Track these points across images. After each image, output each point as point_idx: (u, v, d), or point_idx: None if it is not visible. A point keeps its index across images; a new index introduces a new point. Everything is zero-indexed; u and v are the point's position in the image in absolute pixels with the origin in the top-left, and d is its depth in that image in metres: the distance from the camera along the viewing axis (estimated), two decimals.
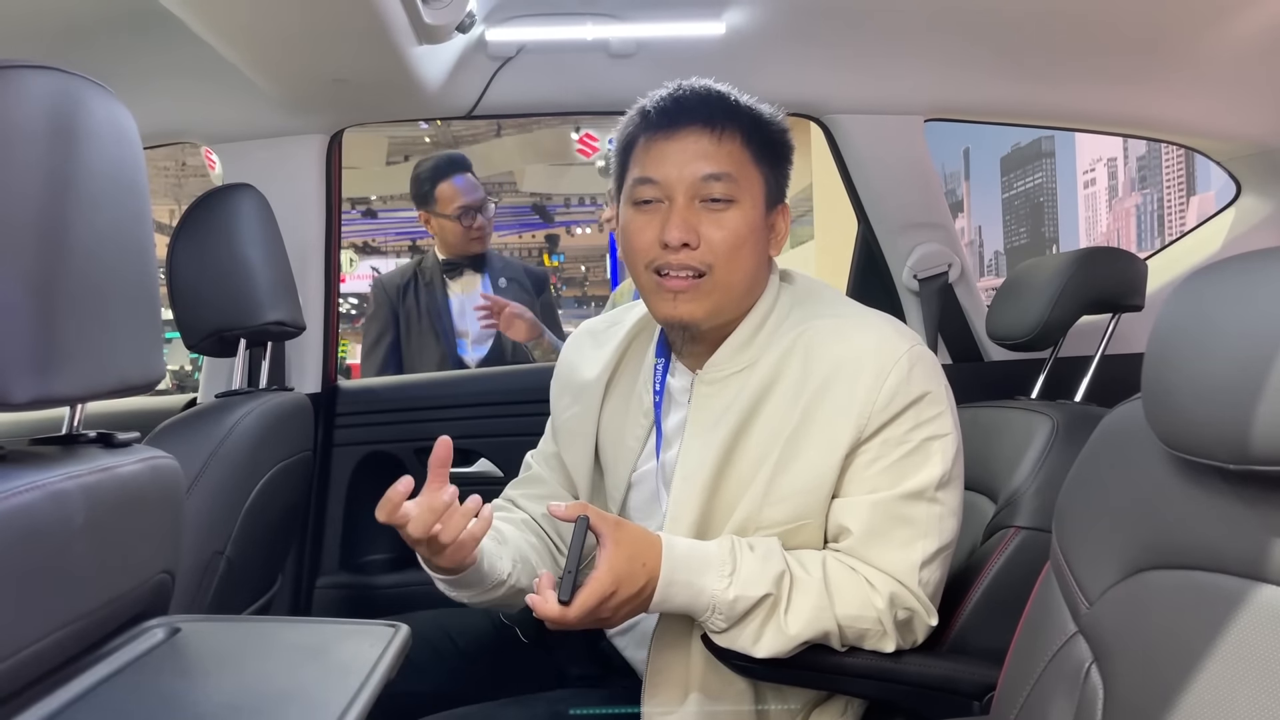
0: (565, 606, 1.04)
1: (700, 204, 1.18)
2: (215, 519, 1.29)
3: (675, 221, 1.17)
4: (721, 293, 1.19)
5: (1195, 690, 0.70)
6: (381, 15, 1.38)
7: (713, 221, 1.18)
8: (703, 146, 1.18)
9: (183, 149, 8.37)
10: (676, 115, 1.20)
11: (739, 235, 1.18)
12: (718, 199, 1.18)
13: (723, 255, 1.18)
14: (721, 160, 1.18)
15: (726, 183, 1.18)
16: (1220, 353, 0.70)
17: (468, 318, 2.75)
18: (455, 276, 2.77)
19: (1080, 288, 1.62)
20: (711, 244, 1.18)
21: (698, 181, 1.18)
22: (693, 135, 1.19)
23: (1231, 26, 1.82)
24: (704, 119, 1.19)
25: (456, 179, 2.68)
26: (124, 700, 0.71)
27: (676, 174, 1.18)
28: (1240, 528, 0.71)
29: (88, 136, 0.71)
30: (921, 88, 2.04)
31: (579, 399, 1.37)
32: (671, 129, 1.19)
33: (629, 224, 1.23)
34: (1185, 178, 6.98)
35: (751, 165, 1.20)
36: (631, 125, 1.24)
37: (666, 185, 1.19)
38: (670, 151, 1.19)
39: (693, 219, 1.18)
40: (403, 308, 2.76)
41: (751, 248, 1.20)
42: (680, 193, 1.18)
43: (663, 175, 1.19)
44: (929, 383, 1.16)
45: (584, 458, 1.35)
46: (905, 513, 1.14)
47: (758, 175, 1.21)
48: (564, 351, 1.46)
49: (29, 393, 0.64)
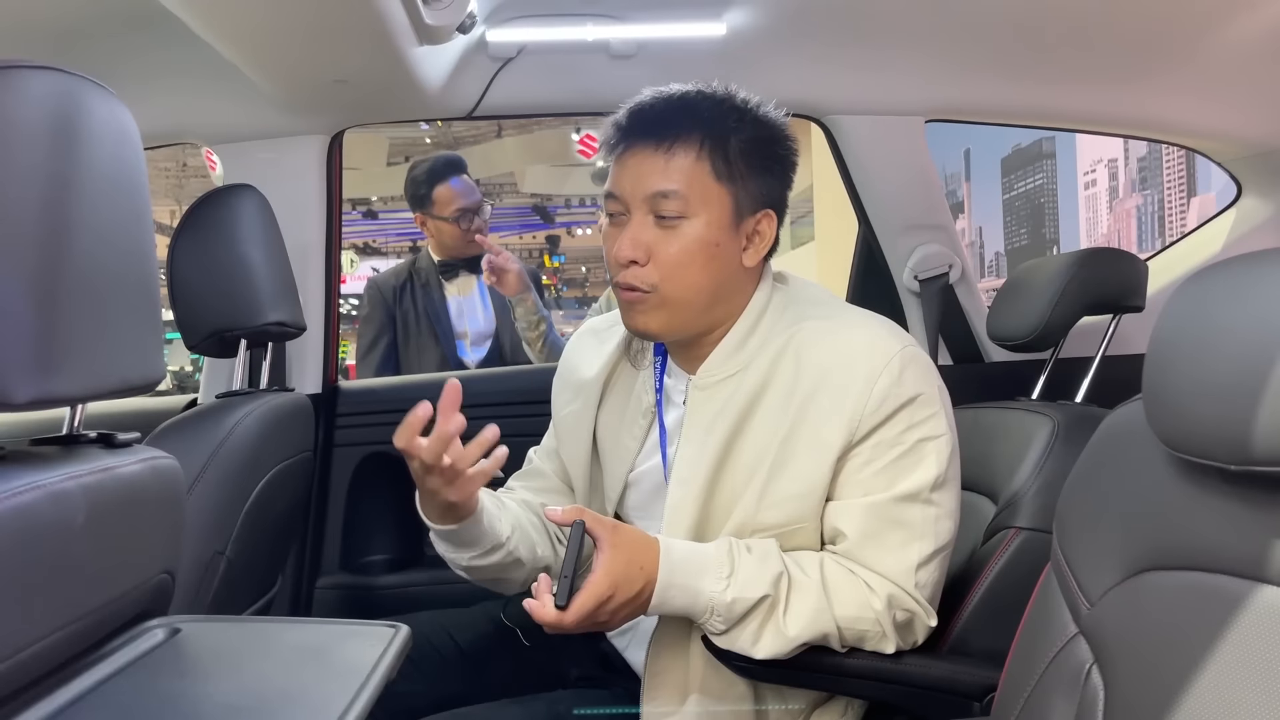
0: (562, 611, 1.04)
1: (654, 219, 1.19)
2: (216, 519, 1.29)
3: (625, 238, 1.18)
4: (671, 309, 1.19)
5: (1196, 691, 0.70)
6: (382, 16, 1.38)
7: (663, 237, 1.18)
8: (653, 163, 1.18)
9: (183, 149, 8.38)
10: (629, 131, 1.20)
11: (687, 252, 1.17)
12: (664, 216, 1.18)
13: (668, 271, 1.17)
14: (671, 176, 1.17)
15: (675, 200, 1.17)
16: (1221, 353, 0.70)
17: (466, 319, 2.75)
18: (451, 278, 2.76)
19: (1081, 289, 1.62)
20: (659, 260, 1.18)
21: (648, 197, 1.18)
22: (645, 152, 1.18)
23: (1232, 28, 1.82)
24: (656, 135, 1.18)
25: (454, 181, 2.67)
26: (124, 700, 0.71)
27: (630, 189, 1.19)
28: (1241, 528, 0.71)
29: (89, 137, 0.71)
30: (922, 88, 2.04)
31: (578, 396, 1.37)
32: (628, 143, 1.20)
33: (604, 237, 1.26)
34: (1186, 179, 6.98)
35: (709, 180, 1.17)
36: (606, 136, 1.25)
37: (624, 200, 1.20)
38: (627, 166, 1.20)
39: (645, 235, 1.18)
40: (399, 310, 2.74)
41: (704, 264, 1.18)
42: (635, 207, 1.19)
43: (620, 191, 1.20)
44: (921, 384, 1.16)
45: (581, 455, 1.35)
46: (900, 515, 1.14)
47: (718, 189, 1.18)
48: (567, 349, 1.46)
49: (30, 393, 0.64)
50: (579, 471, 1.35)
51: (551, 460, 1.43)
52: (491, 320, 2.75)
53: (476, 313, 2.76)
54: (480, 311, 2.76)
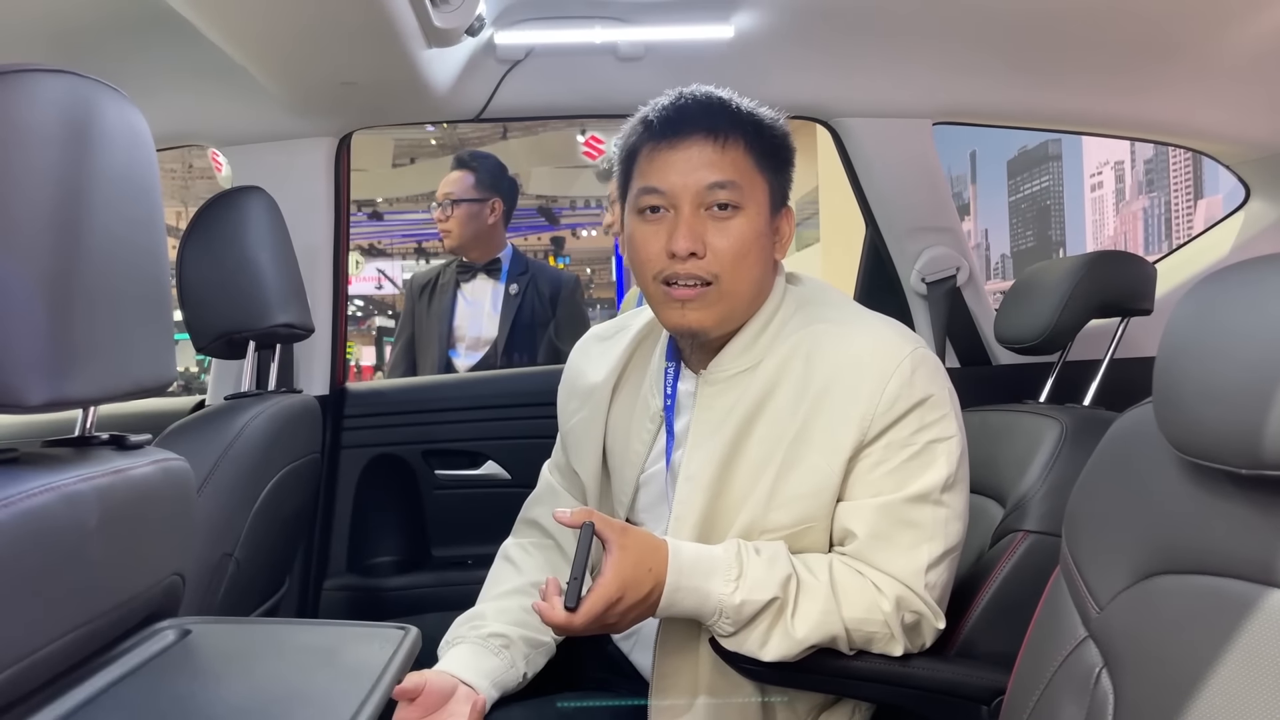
0: (571, 613, 1.04)
1: (705, 212, 1.18)
2: (224, 521, 1.30)
3: (682, 231, 1.17)
4: (728, 301, 1.19)
5: (1206, 696, 0.70)
6: (391, 18, 1.38)
7: (718, 230, 1.18)
8: (707, 155, 1.18)
9: (190, 151, 8.39)
10: (679, 124, 1.19)
11: (745, 243, 1.18)
12: (724, 206, 1.18)
13: (729, 263, 1.17)
14: (726, 168, 1.18)
15: (731, 190, 1.17)
16: (1232, 357, 0.70)
17: (468, 323, 2.76)
18: (468, 279, 2.79)
19: (1089, 291, 1.62)
20: (717, 252, 1.17)
21: (703, 190, 1.17)
22: (696, 144, 1.18)
23: (1241, 30, 1.81)
24: (707, 127, 1.18)
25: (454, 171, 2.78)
26: (136, 702, 0.71)
27: (681, 183, 1.18)
28: (1252, 533, 0.71)
29: (101, 139, 0.72)
30: (929, 91, 2.04)
31: (586, 403, 1.37)
32: (675, 138, 1.19)
33: (635, 235, 1.23)
34: (1192, 181, 6.96)
35: (755, 172, 1.20)
36: (634, 134, 1.24)
37: (672, 194, 1.18)
38: (675, 160, 1.19)
39: (699, 228, 1.17)
40: (419, 307, 2.81)
41: (757, 255, 1.20)
42: (686, 202, 1.18)
43: (668, 185, 1.18)
44: (932, 385, 1.16)
45: (592, 461, 1.35)
46: (910, 516, 1.14)
47: (762, 181, 1.21)
48: (571, 357, 1.46)
49: (43, 395, 0.64)
50: (591, 477, 1.35)
51: (565, 475, 1.43)
52: (494, 328, 2.76)
53: (481, 318, 2.77)
54: (485, 318, 2.76)
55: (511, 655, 1.25)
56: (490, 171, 2.79)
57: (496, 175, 2.81)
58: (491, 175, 2.79)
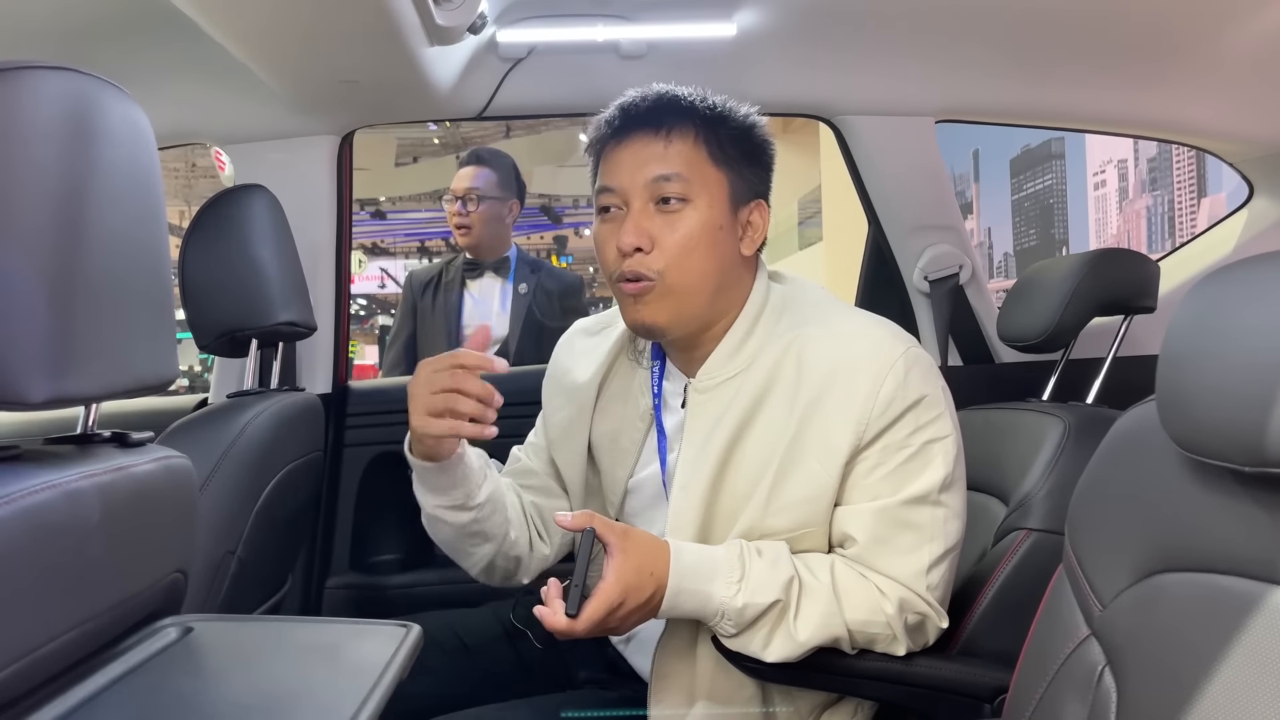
0: (572, 619, 1.03)
1: (655, 207, 1.19)
2: (227, 519, 1.30)
3: (627, 227, 1.18)
4: (677, 296, 1.18)
5: (1210, 694, 0.69)
6: (393, 16, 1.38)
7: (665, 224, 1.18)
8: (652, 149, 1.18)
9: (192, 150, 8.41)
10: (625, 122, 1.21)
11: (691, 236, 1.17)
12: (669, 199, 1.18)
13: (673, 257, 1.17)
14: (671, 160, 1.18)
15: (677, 182, 1.17)
16: (1235, 355, 0.70)
17: (477, 321, 2.75)
18: (475, 277, 2.78)
19: (1092, 289, 1.62)
20: (664, 247, 1.17)
21: (649, 184, 1.18)
22: (642, 138, 1.19)
23: (1245, 28, 1.81)
24: (652, 122, 1.19)
25: (464, 167, 2.76)
26: (138, 699, 0.71)
27: (629, 179, 1.19)
28: (1255, 530, 0.71)
29: (104, 137, 0.71)
30: (932, 89, 2.04)
31: (571, 400, 1.36)
32: (622, 135, 1.21)
33: (596, 236, 1.24)
34: (1196, 179, 6.95)
35: (708, 164, 1.19)
36: (594, 136, 1.25)
37: (622, 192, 1.20)
38: (623, 157, 1.20)
39: (646, 223, 1.18)
40: (422, 304, 2.78)
41: (708, 249, 1.19)
42: (635, 197, 1.19)
43: (618, 182, 1.20)
44: (926, 385, 1.15)
45: (577, 460, 1.34)
46: (909, 518, 1.13)
47: (717, 175, 1.20)
48: (557, 351, 1.45)
49: (45, 392, 0.64)
50: (574, 476, 1.35)
51: (540, 457, 1.42)
52: (504, 326, 2.75)
53: (490, 316, 2.76)
54: (494, 316, 2.76)
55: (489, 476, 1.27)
56: (509, 170, 2.79)
57: (513, 175, 2.81)
58: (510, 174, 2.79)
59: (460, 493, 1.21)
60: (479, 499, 1.23)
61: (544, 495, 1.39)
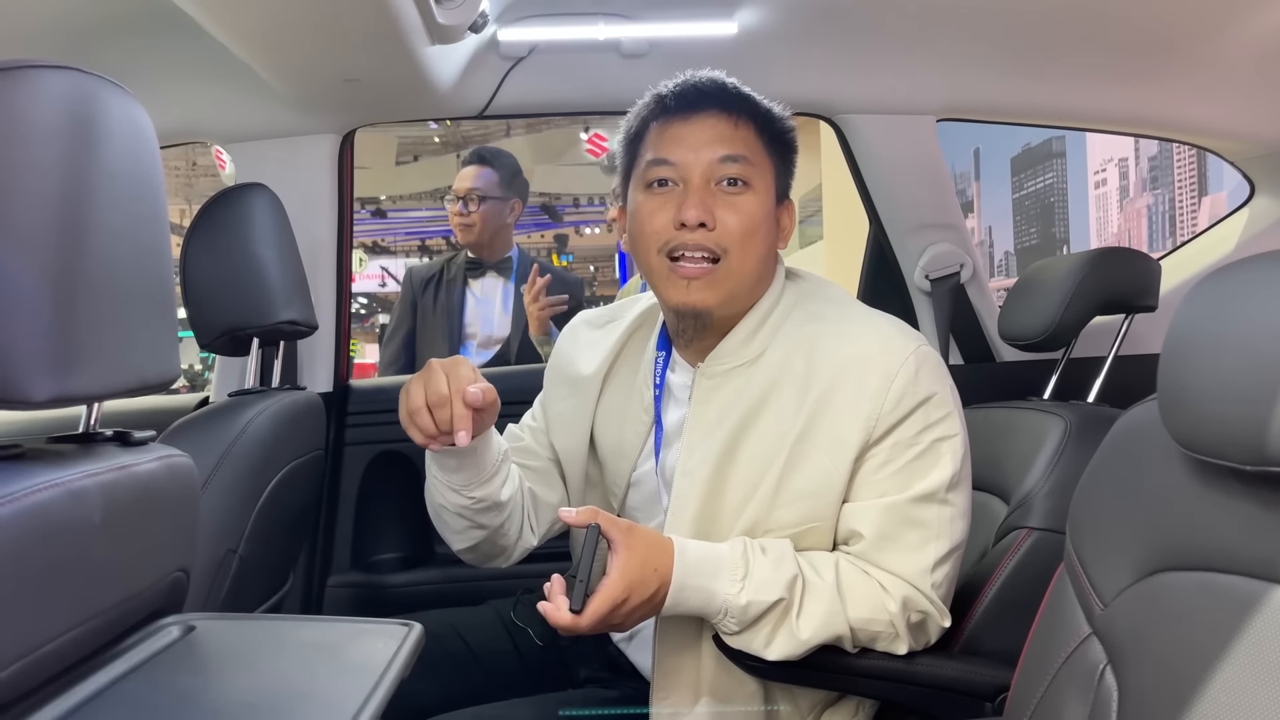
0: (576, 615, 1.04)
1: (715, 187, 1.18)
2: (228, 517, 1.30)
3: (692, 201, 1.17)
4: (735, 279, 1.19)
5: (1211, 693, 0.69)
6: (395, 15, 1.38)
7: (728, 204, 1.18)
8: (721, 130, 1.19)
9: (193, 148, 8.41)
10: (695, 100, 1.20)
11: (754, 219, 1.18)
12: (734, 181, 1.18)
13: (737, 239, 1.17)
14: (738, 144, 1.19)
15: (743, 165, 1.18)
16: (1237, 354, 0.70)
17: (480, 320, 2.75)
18: (477, 276, 2.77)
19: (1093, 288, 1.62)
20: (727, 227, 1.17)
21: (715, 163, 1.18)
22: (710, 119, 1.19)
23: (1247, 26, 1.81)
24: (721, 104, 1.19)
25: (467, 166, 2.75)
26: (140, 697, 0.71)
27: (694, 156, 1.18)
28: (1256, 529, 0.71)
29: (105, 136, 0.71)
30: (933, 87, 2.03)
31: (575, 391, 1.36)
32: (689, 112, 1.20)
33: (641, 207, 1.21)
34: (1197, 178, 6.95)
35: (764, 154, 1.21)
36: (645, 111, 1.24)
37: (683, 166, 1.19)
38: (687, 134, 1.19)
39: (708, 200, 1.17)
40: (422, 301, 2.77)
41: (764, 235, 1.20)
42: (697, 174, 1.18)
43: (679, 157, 1.19)
44: (935, 384, 1.16)
45: (578, 451, 1.34)
46: (916, 515, 1.14)
47: (769, 164, 1.22)
48: (560, 341, 1.45)
49: (48, 391, 0.64)
50: (575, 467, 1.35)
51: (540, 441, 1.41)
52: (506, 326, 2.75)
53: (493, 316, 2.75)
54: (497, 315, 2.75)
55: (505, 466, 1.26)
56: (511, 170, 2.79)
57: (515, 174, 2.81)
58: (512, 174, 2.79)
59: (461, 478, 1.20)
60: (478, 494, 1.21)
61: (541, 482, 1.38)
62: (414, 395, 1.12)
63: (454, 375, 1.11)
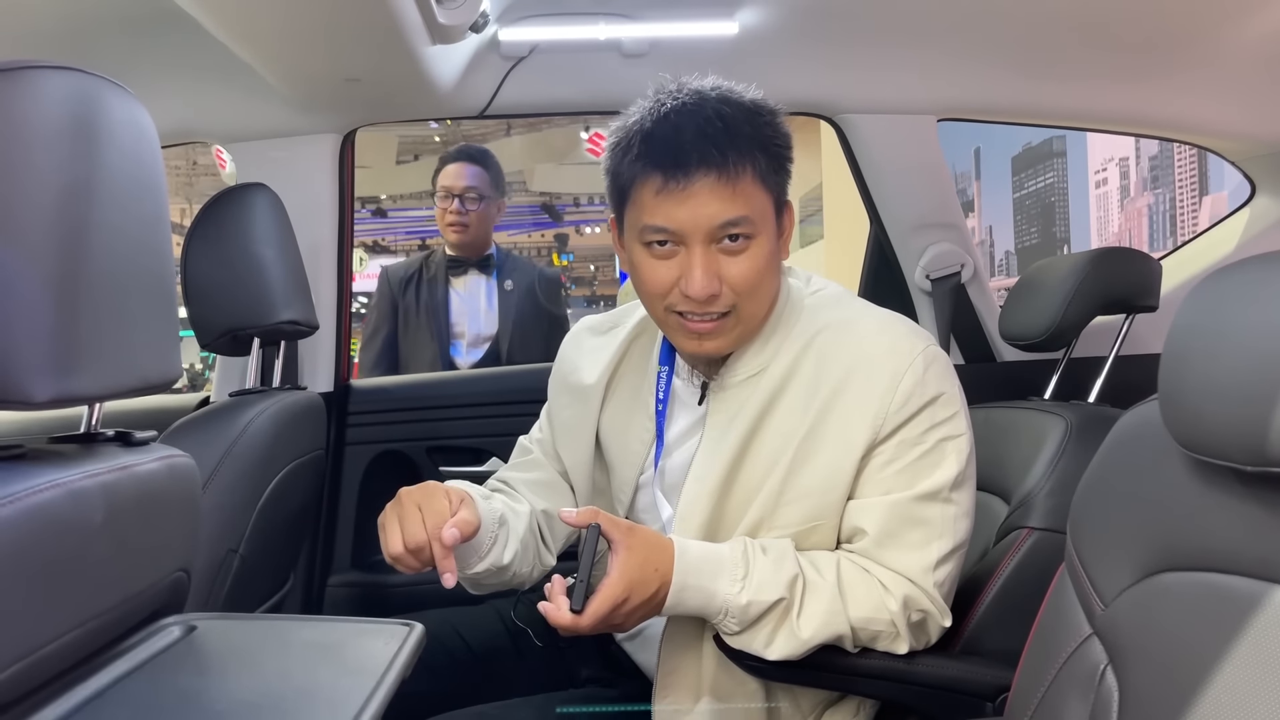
0: (577, 615, 1.03)
1: (717, 246, 1.12)
2: (229, 517, 1.30)
3: (697, 275, 1.11)
4: (746, 324, 1.17)
5: (1212, 693, 0.69)
6: (395, 15, 1.38)
7: (732, 262, 1.12)
8: (720, 194, 1.09)
9: (194, 148, 8.41)
10: (684, 161, 1.09)
11: (759, 270, 1.13)
12: (734, 239, 1.12)
13: (745, 293, 1.13)
14: (739, 204, 1.10)
15: (745, 225, 1.11)
16: (1238, 354, 0.70)
17: (466, 319, 2.73)
18: (459, 274, 2.74)
19: (1094, 288, 1.62)
20: (734, 284, 1.13)
21: (715, 229, 1.11)
22: (707, 184, 1.09)
23: (1248, 25, 1.81)
24: (717, 165, 1.09)
25: (456, 163, 2.70)
26: (141, 697, 0.71)
27: (692, 225, 1.11)
28: (1257, 530, 0.71)
29: (107, 136, 0.72)
30: (934, 87, 2.03)
31: (578, 399, 1.36)
32: (683, 178, 1.09)
33: (642, 265, 1.16)
34: (1198, 178, 6.95)
35: (762, 193, 1.13)
36: (629, 157, 1.13)
37: (680, 233, 1.12)
38: (683, 200, 1.10)
39: (712, 264, 1.12)
40: (403, 301, 2.71)
41: (772, 274, 1.17)
42: (697, 240, 1.12)
43: (676, 225, 1.11)
44: (943, 383, 1.16)
45: (584, 458, 1.34)
46: (920, 514, 1.14)
47: (768, 199, 1.14)
48: (564, 348, 1.44)
49: (49, 391, 0.64)
50: (581, 474, 1.35)
51: (548, 454, 1.41)
52: (494, 324, 2.73)
53: (479, 314, 2.74)
54: (483, 313, 2.74)
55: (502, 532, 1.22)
56: (498, 169, 2.77)
57: (499, 174, 2.79)
58: (499, 173, 2.77)
59: (480, 557, 1.18)
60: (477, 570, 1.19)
61: (554, 497, 1.37)
62: (391, 540, 1.08)
63: (429, 511, 1.08)
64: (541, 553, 1.32)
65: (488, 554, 1.19)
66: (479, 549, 1.18)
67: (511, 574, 1.24)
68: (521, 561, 1.25)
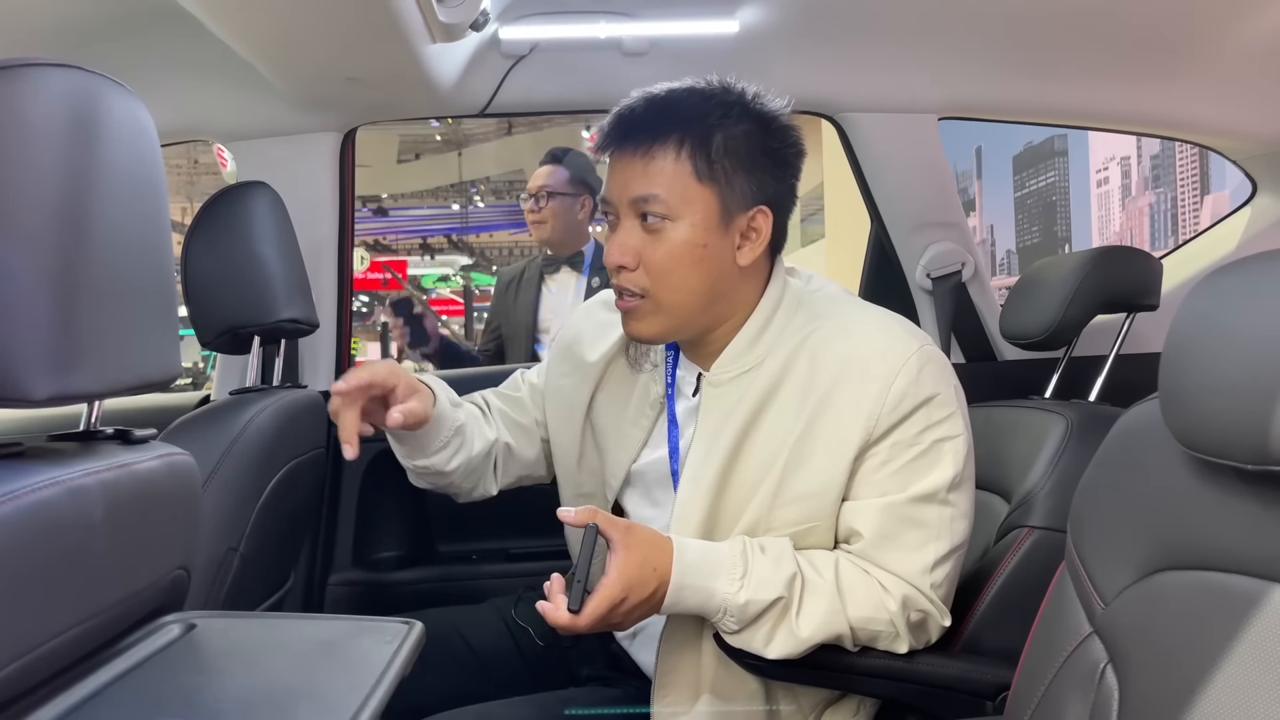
0: (575, 615, 1.04)
1: (640, 223, 1.17)
2: (229, 515, 1.30)
3: (613, 243, 1.17)
4: (666, 313, 1.18)
5: (1212, 692, 0.69)
6: (396, 13, 1.38)
7: (650, 241, 1.16)
8: (635, 168, 1.16)
9: (195, 146, 8.43)
10: (613, 136, 1.18)
11: (673, 255, 1.15)
12: (650, 217, 1.16)
13: (658, 276, 1.16)
14: (650, 180, 1.14)
15: (656, 203, 1.14)
16: (1238, 352, 0.70)
17: (553, 316, 2.79)
18: (552, 273, 2.83)
19: (1095, 287, 1.61)
20: (649, 265, 1.16)
21: (633, 201, 1.16)
22: (626, 157, 1.17)
23: (1249, 25, 1.81)
24: (633, 140, 1.16)
25: (542, 166, 2.83)
26: (141, 696, 0.71)
27: (617, 194, 1.18)
28: (1257, 529, 0.71)
29: (107, 134, 0.71)
30: (935, 86, 2.03)
31: (576, 371, 1.36)
32: (614, 149, 1.18)
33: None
34: (1199, 177, 6.95)
35: (691, 181, 1.14)
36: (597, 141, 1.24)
37: (614, 204, 1.19)
38: (613, 171, 1.19)
39: (633, 240, 1.16)
40: (505, 300, 2.88)
41: (692, 266, 1.16)
42: (623, 212, 1.18)
43: (608, 194, 1.20)
44: (938, 384, 1.15)
45: (571, 433, 1.35)
46: (916, 515, 1.13)
47: (701, 191, 1.14)
48: (577, 315, 1.45)
49: (49, 389, 0.64)
50: (566, 449, 1.35)
51: (536, 400, 1.44)
52: None
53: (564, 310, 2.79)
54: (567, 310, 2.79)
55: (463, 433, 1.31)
56: (580, 168, 2.82)
57: (586, 171, 2.83)
58: (581, 171, 2.82)
59: (403, 450, 1.29)
60: (420, 463, 1.28)
61: (522, 438, 1.42)
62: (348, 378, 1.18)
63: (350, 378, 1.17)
64: (487, 479, 1.38)
65: (434, 454, 1.27)
66: (425, 446, 1.27)
67: (449, 483, 1.33)
68: (464, 478, 1.34)
